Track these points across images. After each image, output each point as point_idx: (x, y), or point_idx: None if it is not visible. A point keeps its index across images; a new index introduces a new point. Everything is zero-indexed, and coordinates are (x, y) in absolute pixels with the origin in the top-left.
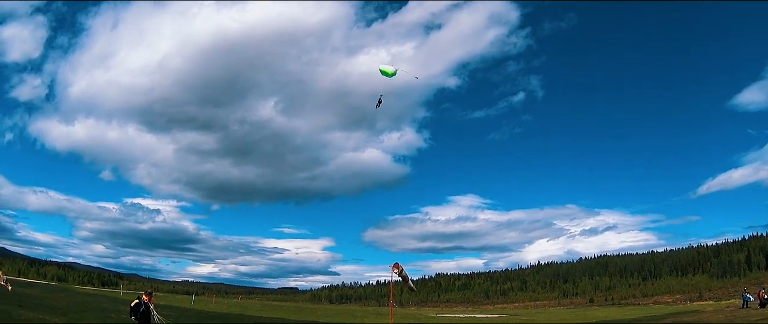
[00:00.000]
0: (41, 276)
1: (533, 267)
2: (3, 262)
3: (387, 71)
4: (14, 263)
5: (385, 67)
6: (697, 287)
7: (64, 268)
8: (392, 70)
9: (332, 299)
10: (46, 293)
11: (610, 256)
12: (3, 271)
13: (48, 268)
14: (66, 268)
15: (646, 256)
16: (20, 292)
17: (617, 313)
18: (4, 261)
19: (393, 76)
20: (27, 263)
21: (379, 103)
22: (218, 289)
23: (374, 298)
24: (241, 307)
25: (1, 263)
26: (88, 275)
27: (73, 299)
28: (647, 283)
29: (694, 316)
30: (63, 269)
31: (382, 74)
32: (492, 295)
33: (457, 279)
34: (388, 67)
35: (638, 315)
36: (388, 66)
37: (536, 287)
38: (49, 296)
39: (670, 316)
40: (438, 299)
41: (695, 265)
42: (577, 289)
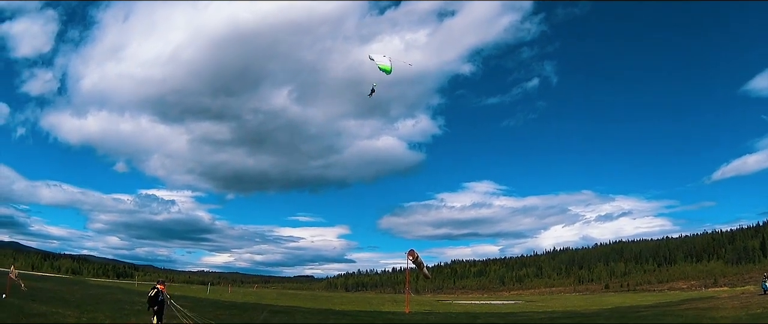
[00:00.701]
0: (55, 269)
1: (548, 253)
2: (17, 256)
3: (385, 67)
4: (28, 258)
5: (383, 63)
6: (712, 273)
7: (78, 260)
8: (389, 65)
9: (348, 287)
10: (59, 287)
11: (625, 242)
12: (15, 266)
13: (62, 261)
14: (80, 261)
15: (661, 242)
16: (33, 286)
17: (632, 299)
18: (17, 256)
19: (390, 73)
20: (41, 257)
21: (371, 92)
22: (234, 278)
23: (390, 285)
24: (256, 295)
25: (14, 258)
26: (102, 267)
27: (87, 292)
28: (662, 269)
29: (709, 302)
30: (77, 262)
31: (381, 70)
32: (507, 282)
33: (472, 265)
34: (384, 61)
35: (653, 301)
36: (383, 58)
37: (552, 273)
38: (62, 290)
39: (684, 302)
40: (453, 286)
41: (710, 251)
42: (593, 275)
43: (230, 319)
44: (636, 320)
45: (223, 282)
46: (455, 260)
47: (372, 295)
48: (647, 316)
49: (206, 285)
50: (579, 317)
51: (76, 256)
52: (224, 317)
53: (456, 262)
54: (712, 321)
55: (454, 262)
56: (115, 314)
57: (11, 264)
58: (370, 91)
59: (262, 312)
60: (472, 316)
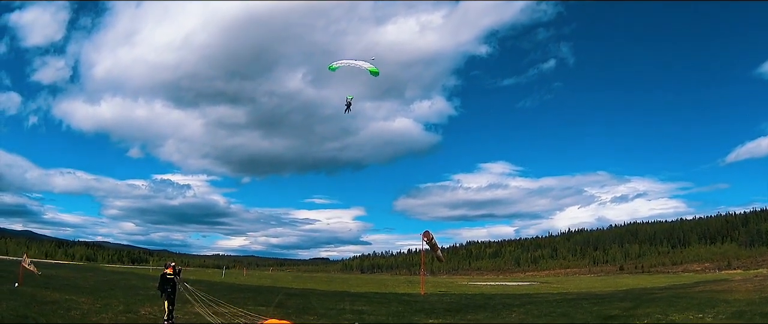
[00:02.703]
0: (69, 257)
1: (564, 234)
2: (30, 245)
3: (374, 70)
4: (41, 246)
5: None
6: (726, 256)
7: (92, 247)
8: (375, 67)
9: (363, 269)
10: (73, 274)
11: (639, 224)
12: (28, 254)
13: (76, 248)
14: (95, 248)
15: (675, 224)
16: (47, 273)
17: (647, 281)
18: (31, 244)
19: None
20: (55, 245)
21: (347, 107)
22: (249, 261)
23: (405, 266)
24: (272, 279)
25: (27, 246)
26: (117, 253)
27: (101, 278)
28: (676, 251)
29: (723, 284)
30: (92, 249)
31: (370, 73)
32: (523, 263)
33: (487, 246)
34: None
35: (667, 283)
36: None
37: (567, 255)
38: (76, 276)
39: (699, 284)
40: (469, 267)
41: (724, 233)
42: (607, 257)
43: (245, 302)
44: (650, 302)
45: (239, 265)
46: (471, 241)
47: (387, 276)
48: (661, 298)
49: (221, 269)
50: (594, 299)
51: (91, 243)
52: (239, 301)
53: (471, 243)
54: (726, 303)
55: (469, 243)
56: (129, 300)
57: (24, 252)
58: (346, 106)
59: (277, 295)
60: (487, 298)
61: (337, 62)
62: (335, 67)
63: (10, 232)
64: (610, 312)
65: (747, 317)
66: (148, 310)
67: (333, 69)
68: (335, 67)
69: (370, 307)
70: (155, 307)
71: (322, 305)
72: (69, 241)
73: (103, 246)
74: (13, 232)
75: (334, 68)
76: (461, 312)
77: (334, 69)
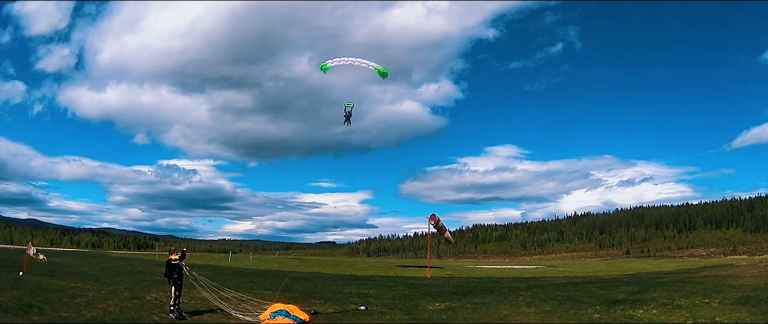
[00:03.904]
0: (75, 244)
1: (570, 218)
2: (35, 233)
3: (383, 70)
4: (46, 234)
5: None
6: (731, 241)
7: (98, 234)
8: (383, 68)
9: (370, 252)
10: (78, 260)
11: (646, 208)
12: (33, 243)
13: (82, 235)
14: (100, 234)
15: (681, 208)
16: (52, 261)
17: (653, 266)
18: (36, 232)
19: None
20: (60, 232)
21: (347, 117)
22: (256, 246)
23: (412, 250)
24: (278, 263)
25: (32, 235)
26: (123, 240)
27: (106, 265)
28: (682, 235)
29: (729, 270)
30: (97, 235)
31: (379, 74)
32: (529, 246)
33: (494, 230)
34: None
35: (673, 268)
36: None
37: (573, 238)
38: (81, 263)
39: (704, 269)
40: (475, 250)
41: (729, 218)
42: (614, 241)
43: (251, 287)
44: (657, 286)
45: (245, 250)
46: (477, 224)
47: (393, 259)
48: (667, 282)
49: (228, 253)
50: (600, 283)
51: (96, 229)
52: (245, 285)
53: (478, 226)
54: (732, 289)
55: (475, 226)
56: (134, 286)
57: (28, 241)
58: (345, 117)
59: (283, 279)
60: (494, 281)
61: (331, 61)
62: (328, 67)
63: (15, 220)
64: (617, 296)
65: (752, 302)
66: (153, 296)
67: (325, 69)
68: (328, 67)
69: (377, 290)
70: (161, 293)
71: (328, 289)
72: (74, 228)
73: (109, 232)
74: (18, 221)
75: (326, 68)
76: (468, 295)
77: (326, 69)
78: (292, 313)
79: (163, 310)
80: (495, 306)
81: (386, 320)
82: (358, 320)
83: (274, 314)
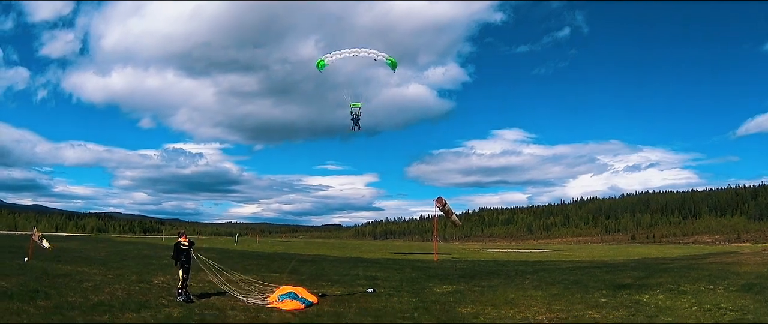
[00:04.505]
0: (80, 229)
1: (576, 202)
2: (40, 219)
3: (393, 61)
4: (51, 219)
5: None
6: (736, 228)
7: (103, 218)
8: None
9: (376, 235)
10: (84, 245)
11: (651, 193)
12: (39, 228)
13: (87, 220)
14: (106, 219)
15: (687, 195)
16: (58, 246)
17: (658, 251)
18: (40, 218)
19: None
20: (65, 217)
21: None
22: (261, 228)
23: (418, 233)
24: (284, 245)
25: (36, 220)
26: (128, 224)
27: (113, 249)
28: (687, 221)
29: (733, 257)
30: (103, 220)
31: (389, 65)
32: (535, 230)
33: (500, 213)
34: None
35: (678, 254)
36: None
37: (579, 223)
38: (87, 248)
39: (708, 256)
40: (481, 234)
41: (734, 205)
42: (619, 226)
43: (258, 269)
44: (662, 272)
45: (251, 232)
46: (483, 208)
47: (400, 242)
48: (673, 268)
49: (234, 236)
50: (606, 267)
51: (102, 214)
52: (252, 268)
53: (484, 209)
54: (736, 276)
55: (482, 209)
56: (141, 269)
57: (33, 226)
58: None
59: (290, 262)
60: (500, 264)
61: (330, 56)
62: (325, 64)
63: (19, 206)
64: (623, 281)
65: (756, 290)
66: (160, 280)
67: (322, 66)
68: (325, 64)
69: (384, 273)
70: (168, 277)
71: (335, 271)
72: (80, 213)
73: (114, 217)
74: (22, 207)
75: (323, 65)
76: (475, 278)
77: (323, 66)
78: (300, 295)
79: (170, 293)
80: (502, 289)
81: (394, 302)
82: (366, 302)
83: (283, 296)
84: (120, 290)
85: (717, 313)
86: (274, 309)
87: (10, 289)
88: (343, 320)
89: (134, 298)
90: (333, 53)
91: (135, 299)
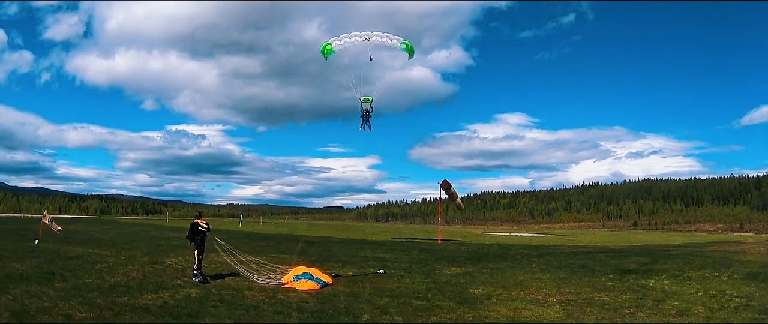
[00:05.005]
0: (83, 211)
1: (578, 188)
2: (43, 201)
3: (409, 45)
4: (55, 201)
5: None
6: (738, 218)
7: (106, 200)
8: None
9: (378, 217)
10: (91, 227)
11: (653, 181)
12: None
13: (90, 202)
14: (108, 201)
15: (689, 183)
16: (66, 228)
17: (661, 238)
18: (43, 200)
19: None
20: (68, 199)
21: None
22: (263, 210)
23: (420, 215)
24: (289, 227)
25: (40, 202)
26: (131, 205)
27: (120, 231)
28: (689, 209)
29: (736, 246)
30: (105, 202)
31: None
32: (537, 215)
33: (502, 197)
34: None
35: (681, 242)
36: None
37: (581, 208)
38: (95, 230)
39: (712, 244)
40: (483, 217)
41: (736, 195)
42: (621, 212)
43: (267, 251)
44: (667, 258)
45: (253, 214)
46: (485, 192)
47: (402, 225)
48: (677, 255)
49: (238, 218)
50: (610, 253)
51: (104, 196)
52: (261, 249)
53: (486, 193)
54: (740, 264)
55: (484, 193)
56: (152, 251)
57: (44, 209)
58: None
59: (297, 243)
60: (504, 248)
61: (337, 40)
62: (332, 50)
63: (22, 189)
64: (628, 266)
65: (761, 278)
66: (173, 261)
67: (329, 53)
68: (332, 50)
69: (392, 254)
70: (180, 258)
71: (343, 253)
72: (82, 195)
73: (117, 198)
74: (25, 190)
75: (330, 51)
76: (482, 261)
77: (330, 53)
78: (315, 275)
79: (184, 274)
80: (510, 271)
81: (407, 283)
82: (380, 283)
83: (298, 277)
84: (134, 271)
85: (722, 299)
86: (291, 289)
87: (26, 271)
88: (361, 300)
89: (150, 279)
90: (341, 37)
91: (151, 280)
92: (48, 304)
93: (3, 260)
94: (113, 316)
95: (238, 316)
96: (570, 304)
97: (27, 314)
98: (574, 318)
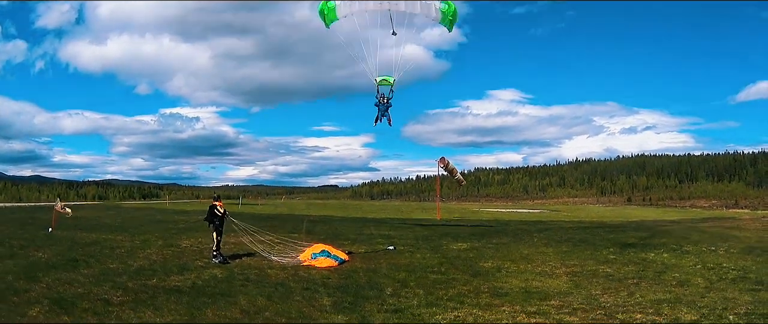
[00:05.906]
0: (81, 197)
1: (572, 163)
2: (41, 189)
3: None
4: (52, 189)
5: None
6: (733, 194)
7: (103, 186)
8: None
9: (373, 195)
10: (96, 213)
11: (647, 156)
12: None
13: (87, 188)
14: (105, 186)
15: (683, 159)
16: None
17: (656, 214)
18: (41, 188)
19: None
20: (65, 186)
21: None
22: (258, 190)
23: (415, 193)
24: (287, 207)
25: (39, 191)
26: (128, 190)
27: (125, 215)
28: (684, 185)
29: (731, 222)
30: (102, 187)
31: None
32: (531, 191)
33: (496, 174)
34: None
35: (676, 217)
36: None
37: (575, 183)
38: (100, 215)
39: (707, 220)
40: (477, 194)
41: (731, 171)
42: (615, 188)
43: (274, 230)
44: (664, 234)
45: (249, 195)
46: (479, 168)
47: (398, 202)
48: (674, 230)
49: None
50: (608, 228)
51: (101, 181)
52: (267, 229)
53: (480, 170)
54: (736, 239)
55: (477, 170)
56: (164, 234)
57: (56, 196)
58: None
59: (301, 222)
60: (503, 224)
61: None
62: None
63: (19, 178)
64: (627, 240)
65: (757, 252)
66: (188, 243)
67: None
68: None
69: (397, 231)
70: (193, 240)
71: (349, 230)
72: (79, 181)
73: (113, 184)
74: (23, 178)
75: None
76: (486, 236)
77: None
78: (332, 252)
79: (203, 255)
80: (515, 246)
81: (418, 258)
82: (393, 259)
83: (316, 255)
84: (154, 255)
85: (720, 271)
86: (310, 266)
87: (50, 259)
88: (380, 275)
89: (171, 262)
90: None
91: (173, 263)
92: (81, 290)
93: (24, 249)
94: (149, 298)
95: (268, 294)
96: (576, 275)
97: (66, 302)
98: (582, 288)
